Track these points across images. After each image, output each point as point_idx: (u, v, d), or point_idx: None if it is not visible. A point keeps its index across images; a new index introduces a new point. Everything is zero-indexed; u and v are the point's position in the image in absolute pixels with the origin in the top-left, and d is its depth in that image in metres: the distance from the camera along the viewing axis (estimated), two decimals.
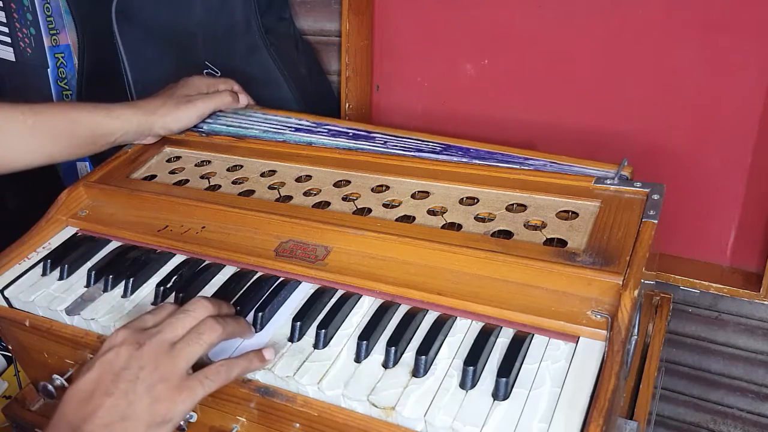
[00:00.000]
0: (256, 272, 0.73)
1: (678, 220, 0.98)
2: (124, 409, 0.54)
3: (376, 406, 0.56)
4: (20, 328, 0.77)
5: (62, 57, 1.36)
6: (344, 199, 0.78)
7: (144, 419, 0.54)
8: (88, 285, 0.75)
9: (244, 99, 0.97)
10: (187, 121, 0.92)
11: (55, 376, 0.78)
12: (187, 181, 0.87)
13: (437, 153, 0.82)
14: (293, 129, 0.92)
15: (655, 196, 0.69)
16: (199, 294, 0.71)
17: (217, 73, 1.16)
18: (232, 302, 0.69)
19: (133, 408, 0.54)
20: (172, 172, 0.90)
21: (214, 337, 0.60)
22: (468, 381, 0.56)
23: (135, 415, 0.54)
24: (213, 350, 0.62)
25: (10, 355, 1.17)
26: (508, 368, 0.56)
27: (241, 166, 0.89)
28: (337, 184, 0.82)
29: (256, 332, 0.66)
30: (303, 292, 0.69)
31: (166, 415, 0.55)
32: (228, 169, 0.89)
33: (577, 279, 0.61)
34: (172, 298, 0.71)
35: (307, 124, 0.92)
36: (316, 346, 0.63)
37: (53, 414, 0.55)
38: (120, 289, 0.74)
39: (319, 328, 0.63)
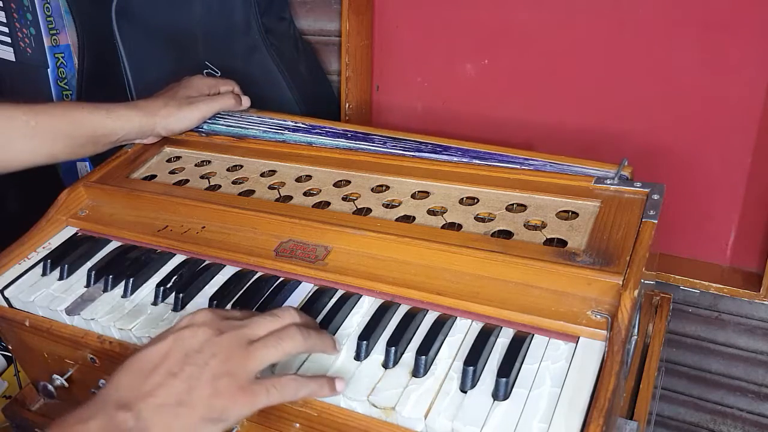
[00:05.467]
0: (256, 272, 0.73)
1: (678, 220, 0.98)
2: (183, 393, 0.51)
3: (376, 407, 0.56)
4: (20, 328, 0.77)
5: (62, 57, 1.36)
6: (344, 199, 0.78)
7: (200, 410, 0.51)
8: (88, 285, 0.75)
9: (246, 101, 0.97)
10: (189, 122, 0.91)
11: (55, 376, 0.78)
12: (187, 181, 0.87)
13: (436, 154, 0.82)
14: (291, 130, 0.92)
15: (655, 196, 0.69)
16: (200, 294, 0.71)
17: (217, 73, 1.16)
18: (232, 302, 0.69)
19: (192, 395, 0.51)
20: (172, 172, 0.90)
21: (293, 346, 0.57)
22: (468, 381, 0.56)
23: (192, 403, 0.51)
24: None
25: (10, 355, 1.17)
26: (508, 368, 0.56)
27: (241, 166, 0.89)
28: (337, 184, 0.81)
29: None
30: (303, 292, 0.69)
31: (223, 412, 0.52)
32: (228, 169, 0.89)
33: (577, 279, 0.61)
34: (172, 298, 0.71)
35: (304, 126, 0.92)
36: None
37: (108, 381, 0.53)
38: (120, 289, 0.74)
39: None
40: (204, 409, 0.52)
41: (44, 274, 0.78)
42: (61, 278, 0.77)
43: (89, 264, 0.78)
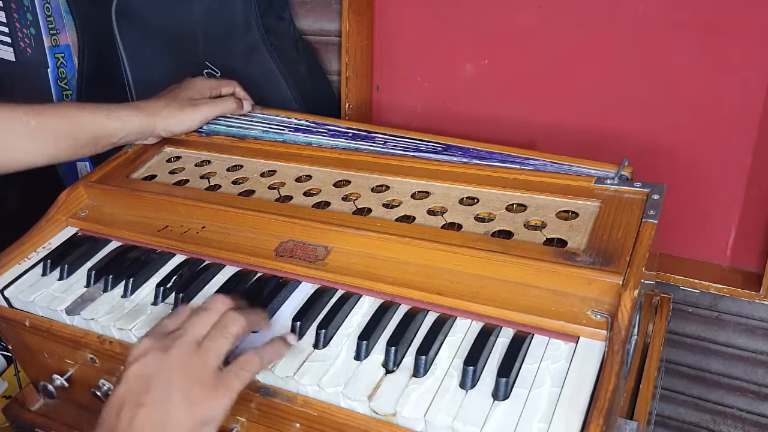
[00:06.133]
0: (256, 272, 0.73)
1: (678, 220, 0.98)
2: (160, 418, 0.53)
3: (376, 413, 0.56)
4: (20, 328, 0.77)
5: (62, 57, 1.36)
6: (344, 199, 0.78)
7: (184, 424, 0.53)
8: (88, 285, 0.75)
9: (247, 105, 0.96)
10: (190, 124, 0.91)
11: (55, 376, 0.78)
12: (187, 181, 0.87)
13: (437, 153, 0.82)
14: (293, 129, 0.92)
15: (655, 196, 0.69)
16: (200, 294, 0.71)
17: (217, 73, 1.16)
18: None
19: (171, 416, 0.53)
20: (172, 172, 0.90)
21: (238, 328, 0.59)
22: (468, 381, 0.56)
23: (174, 423, 0.53)
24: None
25: (10, 355, 1.17)
26: (508, 368, 0.56)
27: (241, 166, 0.89)
28: (337, 184, 0.82)
29: (257, 331, 0.65)
30: (303, 292, 0.69)
31: (207, 415, 0.54)
32: (228, 169, 0.89)
33: (577, 279, 0.61)
34: (172, 298, 0.71)
35: (307, 124, 0.92)
36: (316, 346, 0.63)
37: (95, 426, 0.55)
38: (120, 289, 0.74)
39: (319, 328, 0.63)
40: (188, 422, 0.53)
41: (44, 274, 0.78)
42: (61, 278, 0.77)
43: (89, 264, 0.78)
